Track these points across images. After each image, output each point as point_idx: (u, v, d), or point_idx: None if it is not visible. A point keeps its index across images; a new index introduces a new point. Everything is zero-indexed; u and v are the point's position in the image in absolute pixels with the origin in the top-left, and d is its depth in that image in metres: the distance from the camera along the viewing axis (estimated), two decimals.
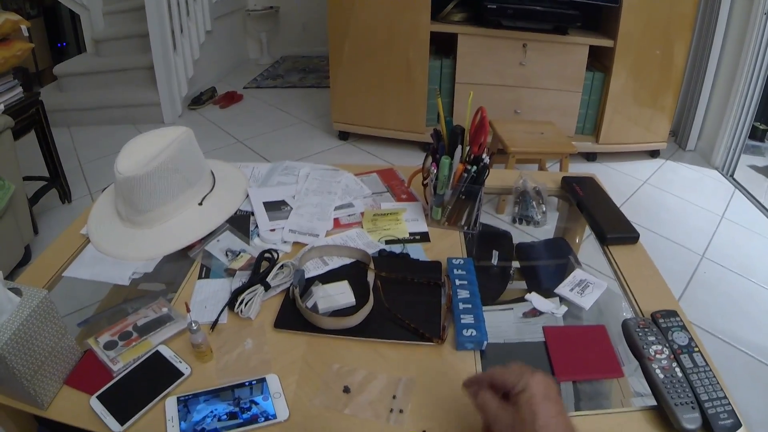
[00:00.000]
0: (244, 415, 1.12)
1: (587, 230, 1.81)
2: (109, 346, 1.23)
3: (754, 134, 4.84)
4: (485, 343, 1.29)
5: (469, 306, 1.36)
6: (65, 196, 3.48)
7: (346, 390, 1.18)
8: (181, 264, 1.53)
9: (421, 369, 1.24)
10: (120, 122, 4.81)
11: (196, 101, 5.26)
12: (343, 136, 4.80)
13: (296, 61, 7.02)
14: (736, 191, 4.17)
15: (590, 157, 4.63)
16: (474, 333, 1.28)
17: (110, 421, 1.09)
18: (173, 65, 4.86)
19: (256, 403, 1.14)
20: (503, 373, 0.97)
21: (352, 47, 4.32)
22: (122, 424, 1.09)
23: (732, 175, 4.46)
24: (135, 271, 1.48)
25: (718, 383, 1.14)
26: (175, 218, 1.58)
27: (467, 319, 1.32)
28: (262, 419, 1.11)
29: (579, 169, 3.38)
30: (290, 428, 1.11)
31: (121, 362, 1.21)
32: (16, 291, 1.09)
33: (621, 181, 4.24)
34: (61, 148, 3.52)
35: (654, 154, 4.71)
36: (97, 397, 1.14)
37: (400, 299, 1.40)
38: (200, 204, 1.63)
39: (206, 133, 4.72)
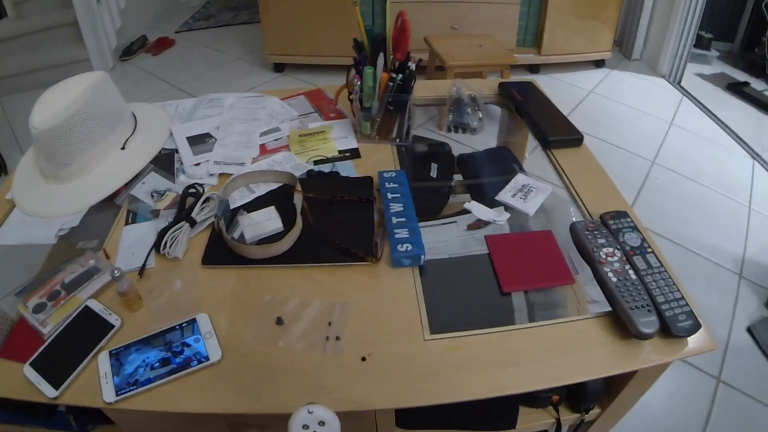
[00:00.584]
0: (177, 359, 1.07)
1: (531, 139, 1.76)
2: (38, 309, 1.17)
3: (700, 43, 4.80)
4: (423, 257, 1.24)
5: (403, 219, 1.31)
6: (1, 169, 3.37)
7: (279, 321, 1.13)
8: (108, 213, 1.45)
9: (358, 291, 1.20)
10: (51, 84, 4.41)
11: (128, 52, 5.06)
12: (279, 68, 4.67)
13: None
14: (684, 98, 4.17)
15: (533, 69, 4.55)
16: (410, 247, 1.23)
17: (45, 387, 1.04)
18: (98, 18, 4.63)
19: (188, 345, 1.09)
20: None
21: None
22: (57, 388, 1.03)
23: (679, 83, 4.44)
24: (61, 228, 1.41)
25: (674, 284, 1.11)
26: (98, 167, 1.50)
27: (401, 233, 1.27)
28: (195, 362, 1.06)
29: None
30: (224, 368, 1.07)
31: (50, 324, 1.14)
32: None
33: (566, 92, 4.19)
34: None
35: (599, 64, 4.65)
36: (30, 364, 1.08)
37: (330, 220, 1.34)
38: (123, 148, 1.55)
39: (141, 83, 4.58)
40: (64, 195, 1.47)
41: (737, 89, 4.41)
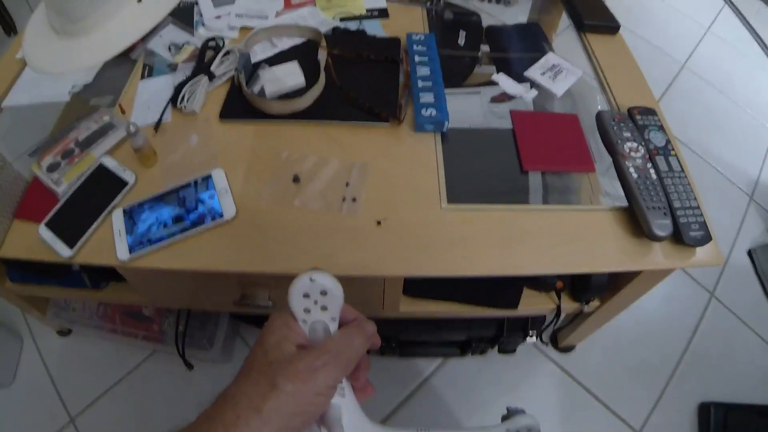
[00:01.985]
0: (191, 216, 1.04)
1: (563, 20, 1.68)
2: (52, 167, 1.13)
3: None
4: (446, 124, 1.19)
5: (429, 84, 1.25)
6: (10, 28, 3.28)
7: (296, 179, 1.09)
8: (124, 69, 1.40)
9: (377, 153, 1.16)
10: None
11: None
12: None
13: None
14: (726, 7, 3.91)
15: None
16: (434, 113, 1.18)
17: (60, 246, 1.02)
18: None
19: (203, 201, 1.05)
20: None
21: None
22: (71, 247, 1.01)
23: None
24: (74, 84, 1.36)
25: (692, 192, 1.08)
26: (113, 20, 1.42)
27: (427, 98, 1.22)
28: (209, 218, 1.03)
29: None
30: (237, 226, 1.04)
31: (65, 183, 1.11)
32: None
33: None
34: None
35: None
36: (46, 224, 1.05)
37: (354, 78, 1.28)
38: (139, 1, 1.47)
39: None
40: (78, 50, 1.40)
41: None
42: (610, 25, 1.51)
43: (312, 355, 0.58)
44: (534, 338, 1.52)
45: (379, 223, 1.03)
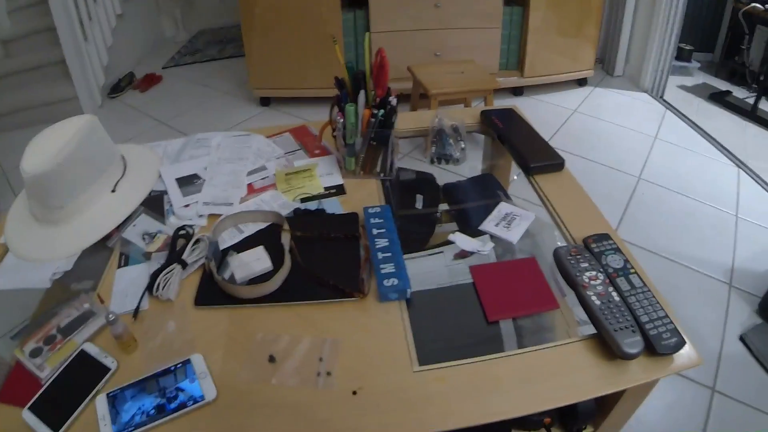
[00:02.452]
0: (172, 405, 1.09)
1: (513, 165, 1.79)
2: (35, 353, 1.19)
3: (681, 55, 4.90)
4: (409, 291, 1.26)
5: (389, 254, 1.33)
6: None
7: (272, 359, 1.16)
8: (101, 255, 1.47)
9: (346, 326, 1.22)
10: (40, 122, 4.22)
11: (116, 89, 5.07)
12: (265, 101, 4.69)
13: (214, 33, 6.76)
14: (668, 112, 4.22)
15: (517, 91, 4.59)
16: (395, 282, 1.26)
17: (44, 431, 1.06)
18: (86, 55, 4.66)
19: (182, 390, 1.11)
20: None
21: (263, 10, 4.19)
22: (56, 431, 1.05)
23: (662, 97, 4.50)
24: (55, 272, 1.43)
25: (657, 303, 1.14)
26: (89, 210, 1.52)
27: (387, 268, 1.30)
28: (191, 402, 1.08)
29: (507, 104, 3.35)
30: (219, 408, 1.09)
31: (48, 368, 1.16)
32: None
33: (551, 112, 4.23)
34: None
35: (582, 82, 4.69)
36: (29, 408, 1.09)
37: (317, 257, 1.37)
38: (113, 191, 1.57)
39: (129, 120, 4.60)
40: (57, 238, 1.49)
41: (719, 98, 4.47)
42: (554, 163, 1.61)
43: None
44: None
45: (354, 392, 1.08)
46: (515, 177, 1.89)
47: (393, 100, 1.57)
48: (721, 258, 2.72)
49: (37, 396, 1.11)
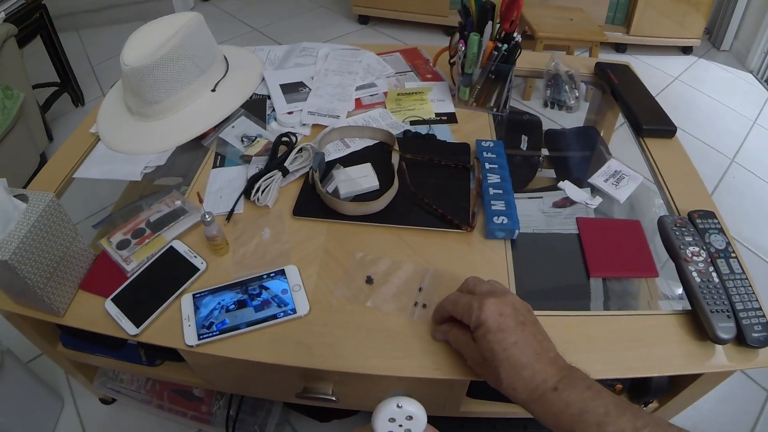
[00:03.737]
0: (254, 302, 1.06)
1: (618, 122, 1.71)
2: (122, 245, 1.16)
3: None
4: (517, 231, 1.20)
5: (500, 192, 1.27)
6: (78, 99, 3.38)
7: (369, 281, 1.11)
8: (195, 154, 1.44)
9: (449, 258, 1.16)
10: (130, 20, 4.49)
11: None
12: (363, 20, 4.58)
13: None
14: None
15: (620, 48, 4.38)
16: (505, 221, 1.20)
17: (126, 323, 1.04)
18: None
19: (276, 296, 1.07)
20: (454, 309, 0.92)
21: None
22: (138, 326, 1.03)
23: (767, 81, 4.24)
24: (147, 166, 1.39)
25: (753, 293, 1.07)
26: (187, 107, 1.48)
27: (498, 205, 1.23)
28: (282, 314, 1.04)
29: (609, 59, 3.18)
30: (310, 323, 1.05)
31: (134, 261, 1.14)
32: (22, 197, 1.01)
33: (651, 75, 4.02)
34: (71, 52, 3.40)
35: (686, 50, 4.43)
36: (112, 299, 1.07)
37: (426, 183, 1.30)
38: (213, 90, 1.53)
39: (221, 24, 4.54)
40: (152, 133, 1.46)
41: None
42: (667, 129, 1.53)
43: None
44: None
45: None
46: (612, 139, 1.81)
47: (518, 37, 1.48)
48: None
49: (121, 288, 1.09)
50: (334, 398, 1.16)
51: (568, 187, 1.38)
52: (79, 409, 1.79)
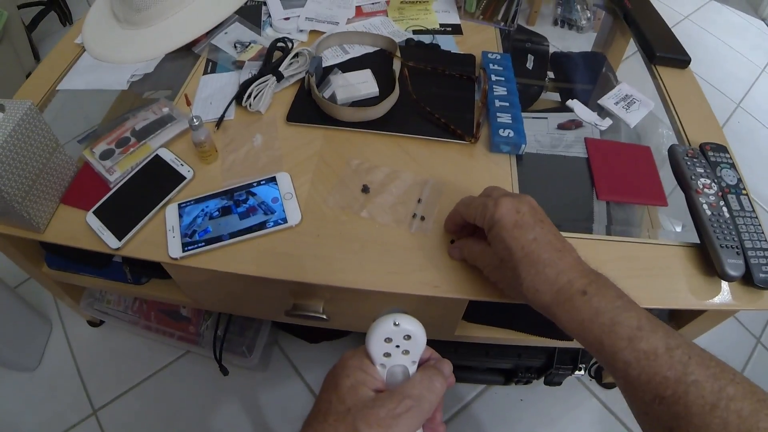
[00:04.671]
0: (239, 209, 1.01)
1: (629, 50, 1.65)
2: (106, 155, 1.09)
3: None
4: (523, 147, 1.16)
5: (507, 104, 1.22)
6: (66, 18, 3.27)
7: (365, 189, 1.05)
8: (185, 62, 1.37)
9: (451, 170, 1.12)
10: None
11: None
12: None
13: None
14: None
15: None
16: (511, 134, 1.15)
17: (107, 236, 0.99)
18: None
19: (266, 204, 1.02)
20: (467, 210, 0.88)
21: None
22: (120, 239, 0.98)
23: None
24: (134, 74, 1.33)
25: (763, 233, 1.05)
26: (177, 14, 1.40)
27: (504, 118, 1.18)
28: (272, 223, 0.99)
29: None
30: (301, 233, 1.00)
31: (118, 171, 1.08)
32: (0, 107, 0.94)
33: (660, 11, 3.90)
34: None
35: None
36: (94, 212, 1.02)
37: (429, 92, 1.24)
38: None
39: None
40: (140, 40, 1.39)
41: None
42: (681, 59, 1.48)
43: (393, 401, 0.57)
44: (583, 372, 1.49)
45: (452, 242, 0.98)
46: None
47: None
48: None
49: (103, 200, 1.05)
50: (324, 317, 1.13)
51: (577, 106, 1.33)
52: (67, 333, 1.77)
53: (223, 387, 1.64)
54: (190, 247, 0.97)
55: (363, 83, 1.23)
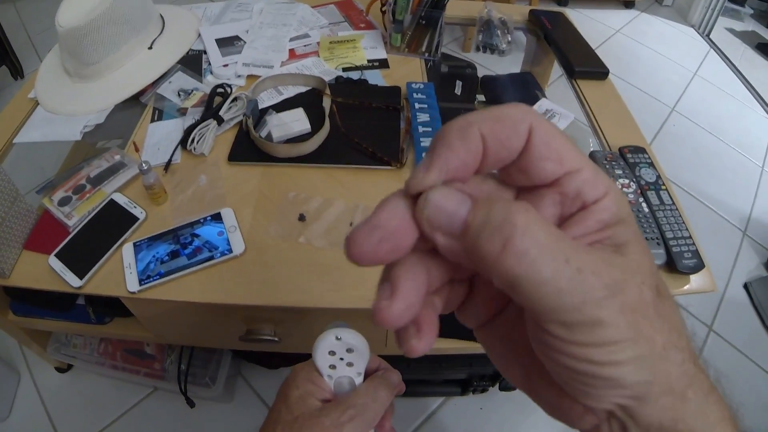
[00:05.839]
0: (186, 251, 1.08)
1: (555, 69, 1.75)
2: (64, 202, 1.17)
3: None
4: None
5: (429, 130, 1.31)
6: (17, 72, 3.32)
7: (302, 218, 1.14)
8: (134, 111, 1.45)
9: (380, 194, 1.14)
10: None
11: None
12: None
13: None
14: (711, 52, 3.99)
15: (561, 1, 4.36)
16: None
17: (69, 277, 1.06)
18: None
19: (212, 238, 1.10)
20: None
21: None
22: (81, 277, 1.05)
23: (708, 35, 4.24)
24: (86, 125, 1.40)
25: (683, 223, 1.13)
26: (124, 66, 1.48)
27: (427, 142, 1.26)
28: (218, 254, 1.07)
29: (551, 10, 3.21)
30: (246, 262, 1.08)
31: (76, 216, 1.15)
32: None
33: (593, 28, 4.05)
34: (7, 24, 3.27)
35: (629, 5, 4.44)
36: (56, 255, 1.09)
37: (357, 124, 1.33)
38: (150, 48, 1.53)
39: None
40: (90, 93, 1.46)
41: (767, 50, 4.28)
42: (599, 71, 1.57)
43: (338, 410, 0.58)
44: None
45: (382, 280, 1.04)
46: (549, 85, 1.84)
47: None
48: (739, 204, 2.66)
49: (63, 243, 1.11)
50: (276, 339, 1.19)
51: None
52: (35, 380, 1.80)
53: (190, 422, 1.69)
54: (146, 281, 1.04)
55: (296, 121, 1.32)
